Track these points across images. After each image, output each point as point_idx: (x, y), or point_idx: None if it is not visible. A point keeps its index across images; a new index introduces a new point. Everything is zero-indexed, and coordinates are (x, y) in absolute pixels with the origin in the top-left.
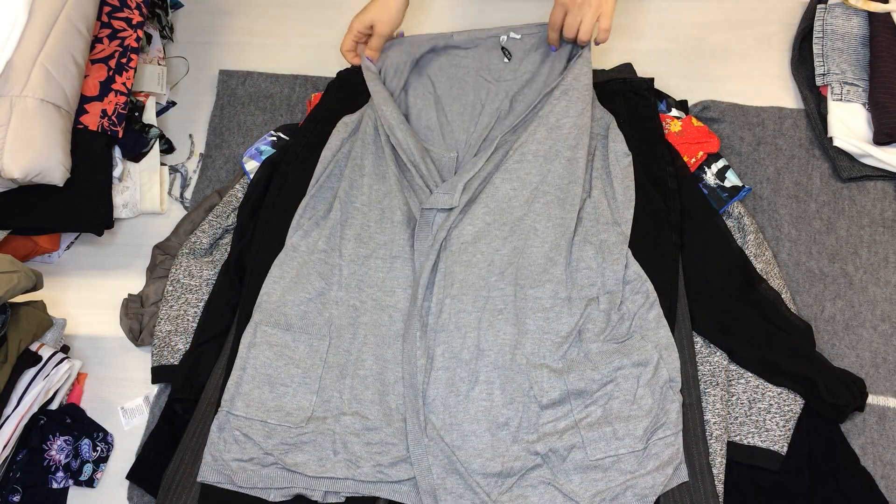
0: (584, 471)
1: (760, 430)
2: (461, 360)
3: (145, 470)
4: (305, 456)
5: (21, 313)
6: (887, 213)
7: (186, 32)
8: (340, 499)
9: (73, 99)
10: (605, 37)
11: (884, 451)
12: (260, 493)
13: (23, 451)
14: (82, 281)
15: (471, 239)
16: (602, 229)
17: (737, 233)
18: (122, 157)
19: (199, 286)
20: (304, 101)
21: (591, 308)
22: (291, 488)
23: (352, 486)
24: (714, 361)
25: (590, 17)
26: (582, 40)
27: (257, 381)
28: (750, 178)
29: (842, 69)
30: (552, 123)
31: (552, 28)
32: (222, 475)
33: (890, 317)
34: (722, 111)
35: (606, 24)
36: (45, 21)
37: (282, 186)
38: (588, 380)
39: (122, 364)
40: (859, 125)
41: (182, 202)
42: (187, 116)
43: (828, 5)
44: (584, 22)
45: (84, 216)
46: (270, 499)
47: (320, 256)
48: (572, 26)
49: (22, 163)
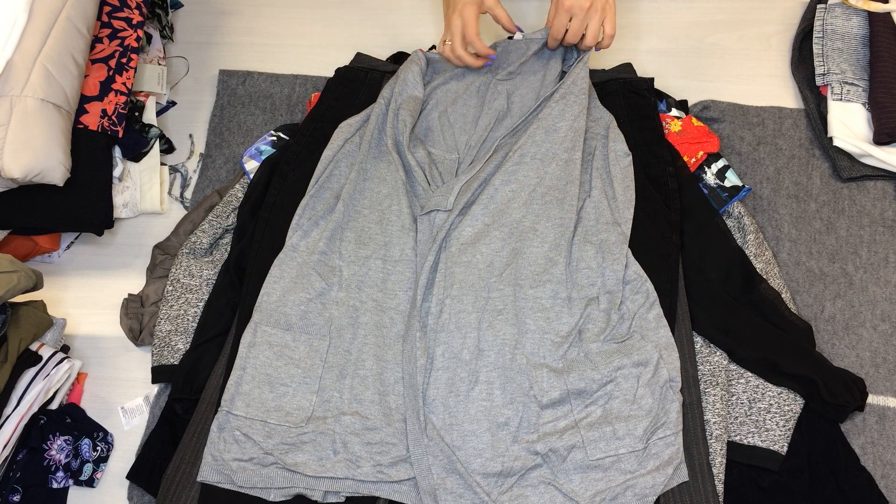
0: (584, 470)
1: (760, 430)
2: (461, 360)
3: (145, 470)
4: (305, 456)
5: (21, 313)
6: (887, 213)
7: (186, 32)
8: (340, 499)
9: (73, 99)
10: (609, 43)
11: (884, 451)
12: (260, 492)
13: (23, 451)
14: (82, 281)
15: (470, 240)
16: (602, 229)
17: (737, 233)
18: (122, 157)
19: (199, 286)
20: (304, 101)
21: (592, 308)
22: (291, 488)
23: (352, 486)
24: (714, 361)
25: (595, 23)
26: (587, 45)
27: (257, 381)
28: (750, 178)
29: (842, 69)
30: (549, 126)
31: (556, 34)
32: (222, 475)
33: (890, 317)
34: (722, 111)
35: (611, 30)
36: (46, 21)
37: (282, 186)
38: (588, 380)
39: (122, 364)
40: (859, 125)
41: (182, 202)
42: (187, 116)
43: (828, 5)
44: (590, 27)
45: (84, 216)
46: (270, 499)
47: (320, 257)
48: (577, 32)
49: (22, 163)
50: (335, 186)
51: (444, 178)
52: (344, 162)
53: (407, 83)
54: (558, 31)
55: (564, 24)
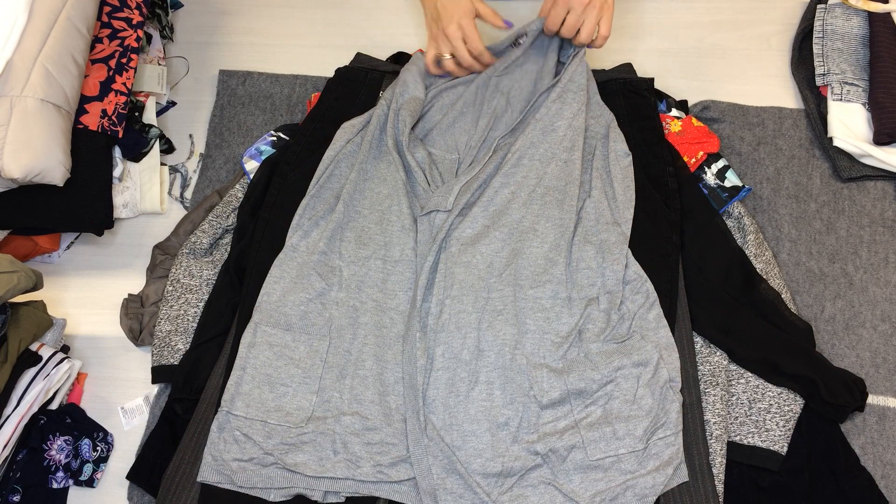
0: (584, 471)
1: (760, 430)
2: (461, 360)
3: (145, 470)
4: (305, 456)
5: (21, 313)
6: (887, 213)
7: (186, 32)
8: (340, 499)
9: (73, 99)
10: (601, 43)
11: (884, 451)
12: (260, 493)
13: (23, 451)
14: (82, 281)
15: (470, 240)
16: (602, 229)
17: (737, 233)
18: (122, 157)
19: (199, 286)
20: (304, 101)
21: (592, 308)
22: (291, 488)
23: (352, 486)
24: (714, 361)
25: (592, 21)
26: (581, 42)
27: (257, 381)
28: (750, 178)
29: (842, 69)
30: (546, 126)
31: (552, 25)
32: (222, 475)
33: (890, 317)
34: (722, 111)
35: (606, 31)
36: (45, 21)
37: (282, 186)
38: (588, 380)
39: (122, 364)
40: (859, 125)
41: (182, 202)
42: (187, 116)
43: (828, 5)
44: (585, 24)
45: (84, 216)
46: (270, 499)
47: (320, 257)
48: (573, 27)
49: (22, 163)
50: (335, 186)
51: (444, 178)
52: (345, 162)
53: (408, 84)
54: (554, 23)
55: (561, 17)
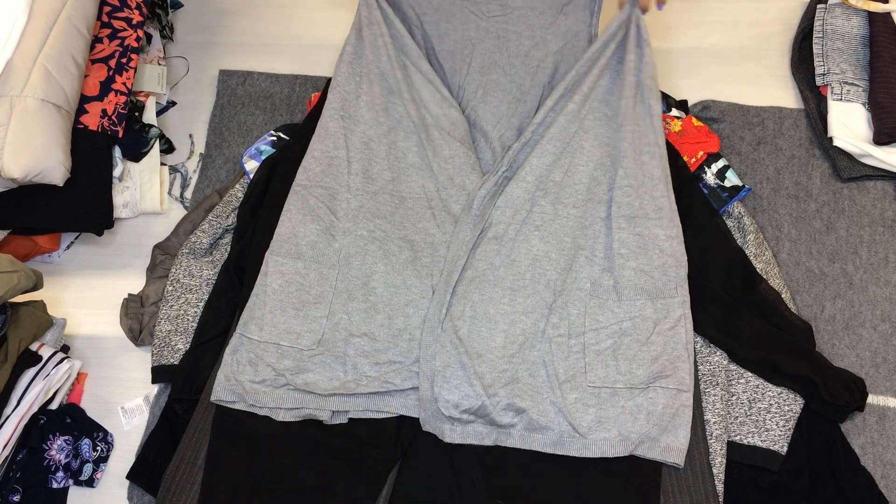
0: (580, 392)
1: (760, 430)
2: (493, 265)
3: (145, 470)
4: (316, 376)
5: (21, 313)
6: (887, 213)
7: (186, 32)
8: (345, 419)
9: (73, 99)
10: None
11: (884, 451)
12: (269, 412)
13: (23, 451)
14: (82, 281)
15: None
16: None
17: (737, 233)
18: (122, 157)
19: (199, 286)
20: (304, 101)
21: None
22: (301, 409)
23: (361, 404)
24: (714, 361)
25: None
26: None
27: (270, 307)
28: (750, 178)
29: (842, 69)
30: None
31: None
32: (235, 394)
33: (890, 317)
34: (722, 111)
35: None
36: (45, 21)
37: (282, 186)
38: (608, 310)
39: (122, 364)
40: (859, 125)
41: (182, 202)
42: (187, 116)
43: (828, 5)
44: None
45: (84, 216)
46: (279, 418)
47: (327, 192)
48: None
49: (22, 163)
50: None
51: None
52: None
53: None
54: None
55: None
